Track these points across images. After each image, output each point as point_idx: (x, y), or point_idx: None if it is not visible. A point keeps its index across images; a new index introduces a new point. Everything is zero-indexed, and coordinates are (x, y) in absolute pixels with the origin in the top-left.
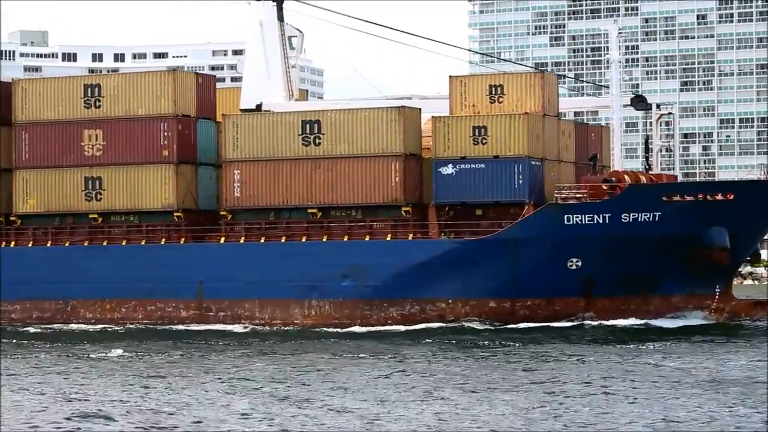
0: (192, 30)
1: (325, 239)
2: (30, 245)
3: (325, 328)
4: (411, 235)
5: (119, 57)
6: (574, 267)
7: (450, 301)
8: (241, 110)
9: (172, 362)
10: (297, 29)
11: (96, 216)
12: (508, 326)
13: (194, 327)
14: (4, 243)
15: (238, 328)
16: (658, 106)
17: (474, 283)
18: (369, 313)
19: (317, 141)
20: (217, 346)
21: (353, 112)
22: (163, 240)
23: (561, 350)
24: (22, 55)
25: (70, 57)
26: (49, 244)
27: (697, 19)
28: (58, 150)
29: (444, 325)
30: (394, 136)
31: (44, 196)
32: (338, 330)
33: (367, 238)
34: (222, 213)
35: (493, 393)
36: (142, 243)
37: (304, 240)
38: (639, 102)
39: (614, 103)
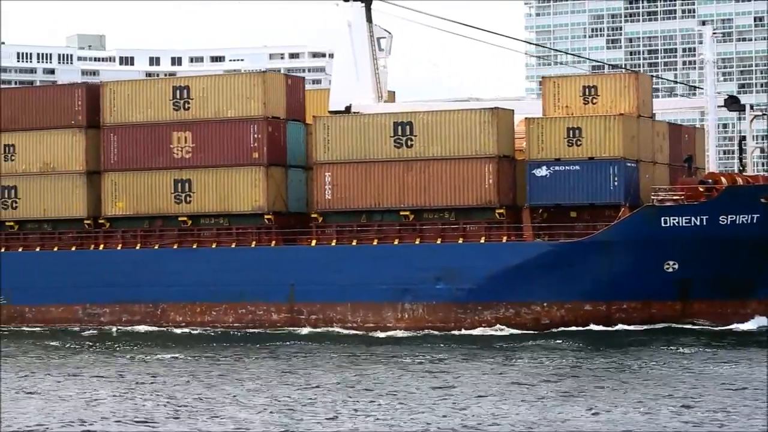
0: (248, 33)
1: (417, 242)
2: (119, 248)
3: (417, 332)
4: (505, 238)
5: (176, 60)
6: (670, 270)
7: (545, 304)
8: (329, 112)
9: (219, 365)
10: (386, 30)
11: (185, 219)
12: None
13: (279, 331)
14: (92, 246)
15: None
16: (752, 107)
17: (569, 286)
18: (463, 316)
19: (409, 143)
20: (289, 348)
21: (445, 114)
22: (254, 243)
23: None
24: (79, 58)
25: (127, 61)
26: (138, 247)
27: (754, 21)
28: (146, 152)
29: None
30: (487, 137)
31: (133, 198)
32: (435, 333)
33: (460, 241)
34: (313, 215)
35: (572, 399)
36: (233, 246)
37: (396, 243)
38: (732, 103)
39: (709, 105)
